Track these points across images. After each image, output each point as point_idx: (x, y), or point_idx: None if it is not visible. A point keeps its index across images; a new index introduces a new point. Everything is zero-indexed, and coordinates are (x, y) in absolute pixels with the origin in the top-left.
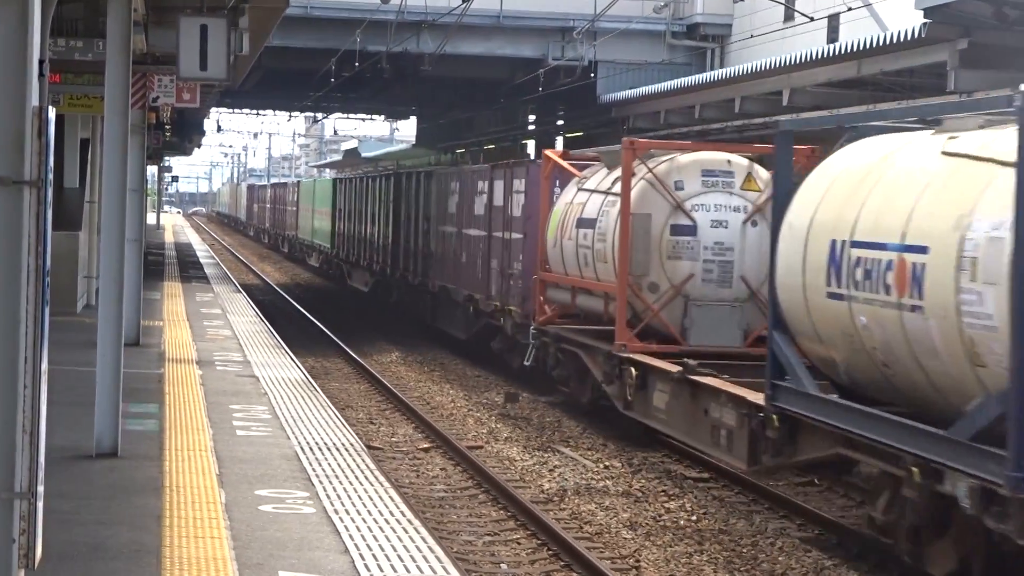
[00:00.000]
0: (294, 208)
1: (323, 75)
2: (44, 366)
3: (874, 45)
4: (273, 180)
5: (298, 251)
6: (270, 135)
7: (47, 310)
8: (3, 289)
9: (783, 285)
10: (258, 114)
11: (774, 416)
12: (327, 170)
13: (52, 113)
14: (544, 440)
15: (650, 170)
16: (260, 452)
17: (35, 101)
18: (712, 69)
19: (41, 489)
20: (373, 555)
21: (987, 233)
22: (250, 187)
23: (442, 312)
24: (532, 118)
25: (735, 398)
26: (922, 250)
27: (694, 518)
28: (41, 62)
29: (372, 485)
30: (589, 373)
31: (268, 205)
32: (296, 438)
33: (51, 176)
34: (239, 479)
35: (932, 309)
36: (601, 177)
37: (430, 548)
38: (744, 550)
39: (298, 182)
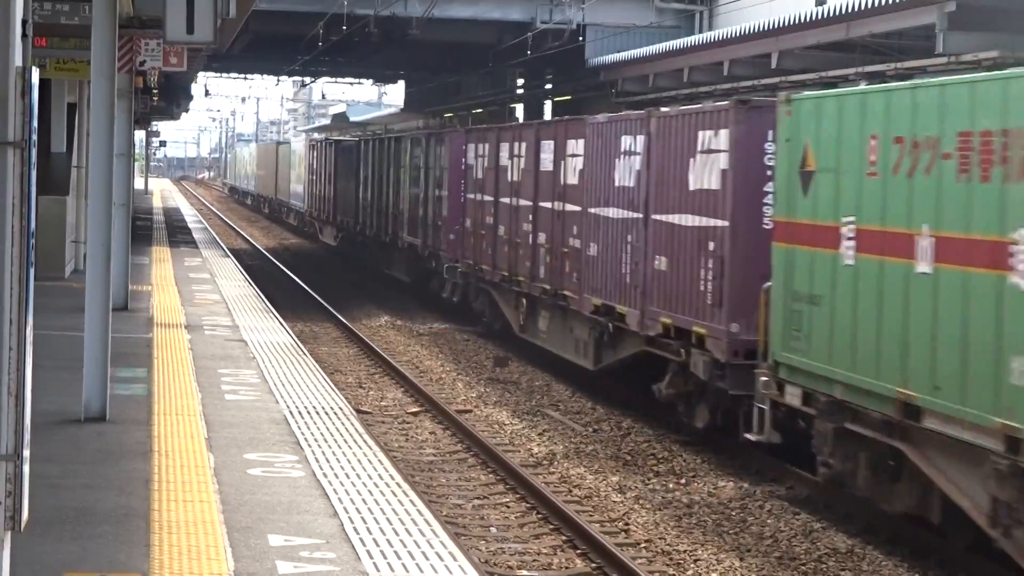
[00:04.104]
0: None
1: (311, 39)
2: (29, 327)
3: (863, 7)
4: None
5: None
6: (258, 99)
7: (32, 272)
8: None
9: None
10: (246, 78)
11: None
12: None
13: (36, 74)
14: (533, 404)
15: None
16: (249, 416)
17: (18, 61)
18: (700, 32)
19: (27, 452)
20: (362, 518)
21: None
22: (322, 145)
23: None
24: (520, 82)
25: None
26: None
27: (683, 481)
28: (24, 22)
29: (361, 449)
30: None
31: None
32: (285, 402)
33: (35, 137)
34: (228, 443)
35: None
36: None
37: (419, 512)
38: (733, 513)
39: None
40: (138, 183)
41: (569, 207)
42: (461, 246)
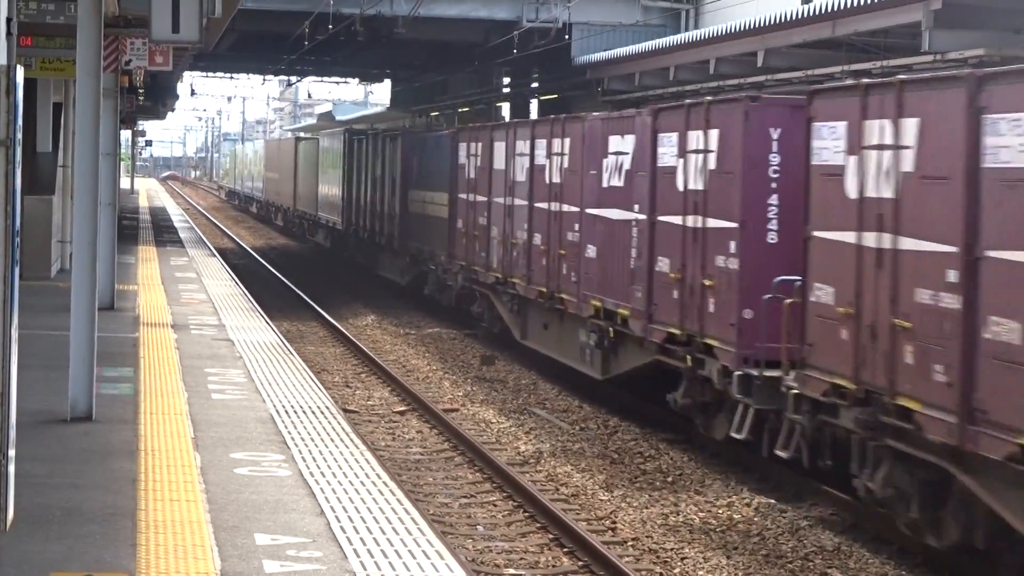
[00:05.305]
0: None
1: (297, 38)
2: (14, 326)
3: (849, 6)
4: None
5: None
6: (244, 99)
7: (17, 270)
8: None
9: None
10: (232, 77)
11: None
12: None
13: (20, 72)
14: (520, 402)
15: None
16: (235, 415)
17: (3, 60)
18: (686, 30)
19: (12, 452)
20: (349, 517)
21: None
22: (376, 139)
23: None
24: (506, 81)
25: None
26: None
27: (670, 479)
28: (8, 20)
29: (348, 448)
30: None
31: None
32: (271, 401)
33: (20, 136)
34: (214, 442)
35: None
36: None
37: (406, 510)
38: (720, 511)
39: None
40: (124, 183)
41: None
42: (800, 336)
